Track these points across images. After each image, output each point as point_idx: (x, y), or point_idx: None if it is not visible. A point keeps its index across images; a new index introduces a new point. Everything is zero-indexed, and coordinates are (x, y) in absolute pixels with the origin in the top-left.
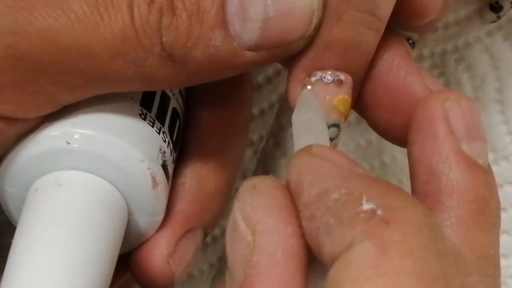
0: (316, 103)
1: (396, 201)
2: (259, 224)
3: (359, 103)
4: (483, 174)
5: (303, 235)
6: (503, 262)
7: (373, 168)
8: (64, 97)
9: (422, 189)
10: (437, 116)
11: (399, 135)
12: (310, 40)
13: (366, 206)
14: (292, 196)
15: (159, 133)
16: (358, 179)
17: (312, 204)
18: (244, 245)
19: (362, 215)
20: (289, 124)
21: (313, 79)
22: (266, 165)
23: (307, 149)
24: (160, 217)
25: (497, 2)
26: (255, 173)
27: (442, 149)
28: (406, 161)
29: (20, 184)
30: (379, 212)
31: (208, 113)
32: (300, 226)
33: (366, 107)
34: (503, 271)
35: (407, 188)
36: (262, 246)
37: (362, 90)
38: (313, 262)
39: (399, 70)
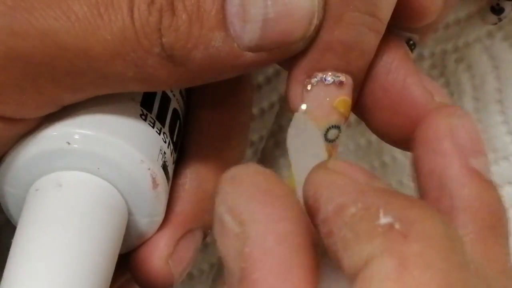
0: (311, 123)
1: (414, 213)
2: (244, 214)
3: (358, 104)
4: (492, 188)
5: (295, 216)
6: None
7: (373, 168)
8: (64, 98)
9: (434, 206)
10: (444, 133)
11: (398, 137)
12: (310, 41)
13: (384, 220)
14: (309, 211)
15: (159, 134)
16: (374, 193)
17: (329, 219)
18: (234, 238)
19: (379, 229)
20: (289, 124)
21: (313, 80)
22: (266, 165)
23: (323, 165)
24: (160, 218)
25: (498, 4)
26: None
27: (453, 166)
28: (406, 161)
29: (20, 184)
30: (396, 225)
31: (208, 114)
32: (291, 209)
33: (365, 108)
34: None
35: (407, 188)
36: (251, 236)
37: (361, 91)
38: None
39: (398, 72)
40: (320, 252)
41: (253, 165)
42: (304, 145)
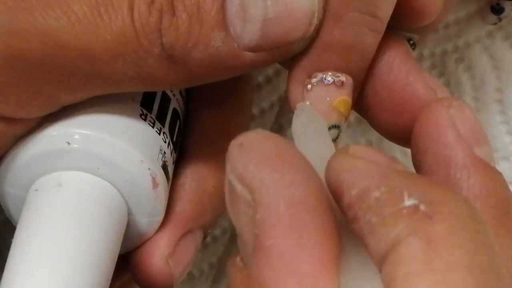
0: (315, 113)
1: (438, 195)
2: (254, 181)
3: (361, 104)
4: (498, 175)
5: (306, 179)
6: None
7: None
8: (64, 98)
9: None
10: (446, 124)
11: (402, 135)
12: (310, 41)
13: (408, 202)
14: (334, 194)
15: (159, 134)
16: (397, 175)
17: (353, 204)
18: (245, 205)
19: (404, 211)
20: (289, 124)
21: (313, 80)
22: None
23: (344, 150)
24: (160, 218)
25: (498, 4)
26: None
27: (458, 156)
28: (406, 161)
29: (20, 184)
30: (421, 207)
31: (208, 113)
32: (302, 171)
33: (368, 107)
34: None
35: None
36: (263, 202)
37: (363, 90)
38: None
39: (400, 70)
40: (345, 233)
41: (261, 131)
42: (310, 132)
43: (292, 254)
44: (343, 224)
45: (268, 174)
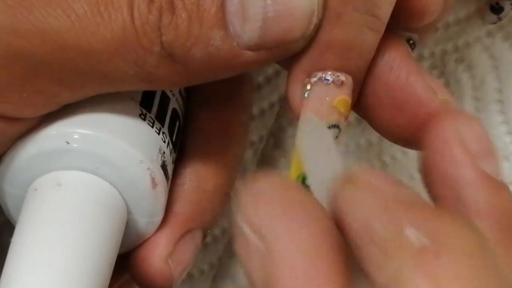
0: (322, 125)
1: (442, 226)
2: (265, 228)
3: (360, 103)
4: (505, 190)
5: (319, 228)
6: None
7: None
8: (64, 97)
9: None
10: (453, 139)
11: (401, 135)
12: (309, 41)
13: (411, 234)
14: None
15: (158, 134)
16: (399, 206)
17: (356, 237)
18: (256, 251)
19: (407, 245)
20: (289, 124)
21: (313, 79)
22: (266, 165)
23: (347, 177)
24: (159, 218)
25: (497, 3)
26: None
27: (465, 172)
28: (406, 161)
29: (19, 184)
30: (424, 241)
31: (208, 113)
32: (314, 220)
33: (368, 107)
34: None
35: None
36: (275, 250)
37: (363, 90)
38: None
39: (400, 70)
40: (353, 264)
41: (273, 175)
42: (317, 148)
43: None
44: (350, 254)
45: (279, 221)
